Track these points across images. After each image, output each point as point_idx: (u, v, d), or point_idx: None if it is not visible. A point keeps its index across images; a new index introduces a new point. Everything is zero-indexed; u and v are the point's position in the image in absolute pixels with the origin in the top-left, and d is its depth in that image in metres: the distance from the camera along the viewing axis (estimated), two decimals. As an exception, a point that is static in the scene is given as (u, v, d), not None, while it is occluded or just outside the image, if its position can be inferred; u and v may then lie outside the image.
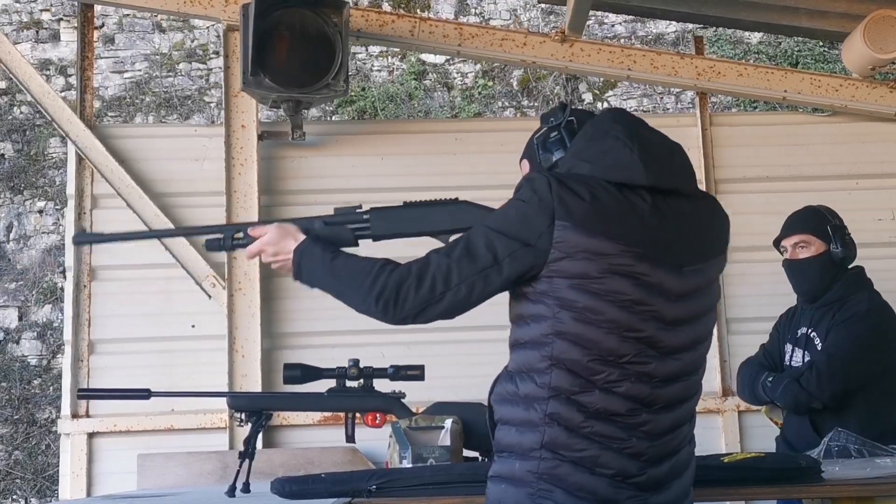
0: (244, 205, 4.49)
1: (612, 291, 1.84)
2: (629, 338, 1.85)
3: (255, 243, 2.20)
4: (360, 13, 4.68)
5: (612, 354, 1.84)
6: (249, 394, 3.86)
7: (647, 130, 2.00)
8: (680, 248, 1.91)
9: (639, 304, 1.85)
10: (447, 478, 2.45)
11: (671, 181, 1.93)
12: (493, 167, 4.77)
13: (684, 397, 1.94)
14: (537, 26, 9.21)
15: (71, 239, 2.46)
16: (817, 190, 4.83)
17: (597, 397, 1.84)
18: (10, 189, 8.81)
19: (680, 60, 4.85)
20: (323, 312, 4.61)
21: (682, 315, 1.91)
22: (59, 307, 8.09)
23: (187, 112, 9.08)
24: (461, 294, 1.89)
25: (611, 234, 1.84)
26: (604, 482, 1.83)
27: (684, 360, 1.92)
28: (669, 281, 1.88)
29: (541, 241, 1.85)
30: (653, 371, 1.86)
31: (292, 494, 2.46)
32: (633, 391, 1.85)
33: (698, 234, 1.96)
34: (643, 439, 1.85)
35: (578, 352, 1.84)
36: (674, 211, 1.92)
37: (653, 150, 1.94)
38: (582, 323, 1.84)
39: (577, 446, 1.83)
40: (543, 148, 2.09)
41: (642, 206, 1.89)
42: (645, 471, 1.85)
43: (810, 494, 2.51)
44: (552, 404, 1.85)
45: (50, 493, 7.74)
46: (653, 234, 1.87)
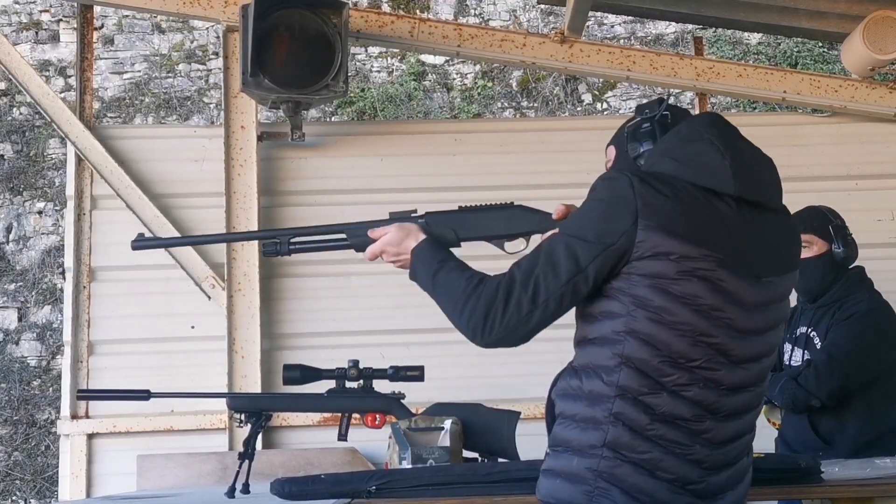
0: (244, 206, 4.49)
1: (689, 294, 1.81)
2: (701, 342, 1.82)
3: (376, 244, 2.17)
4: (360, 14, 4.68)
5: (683, 357, 1.82)
6: (249, 395, 3.86)
7: (742, 140, 2.00)
8: (759, 260, 1.89)
9: (714, 310, 1.83)
10: (447, 479, 2.44)
11: (757, 193, 1.93)
12: (493, 168, 4.78)
13: (748, 407, 1.92)
14: (537, 27, 9.22)
15: (130, 244, 2.42)
16: (817, 190, 4.82)
17: (664, 400, 1.81)
18: (9, 190, 8.82)
19: (679, 61, 4.85)
20: (322, 313, 4.62)
21: (754, 326, 1.89)
22: (58, 308, 8.09)
23: (187, 113, 9.08)
24: (550, 310, 1.86)
25: (693, 237, 1.81)
26: (663, 486, 1.80)
27: (751, 370, 1.90)
28: (746, 290, 1.86)
29: (622, 240, 1.81)
30: (721, 378, 1.84)
31: (292, 495, 2.45)
32: (701, 397, 1.83)
33: (777, 247, 1.95)
34: (705, 446, 1.83)
35: (649, 352, 1.81)
36: (757, 222, 1.90)
37: (744, 159, 1.93)
38: (655, 323, 1.81)
39: (639, 448, 1.81)
40: (633, 137, 2.06)
41: (727, 213, 1.86)
42: (705, 479, 1.83)
43: (810, 495, 2.50)
44: (618, 403, 1.82)
45: (49, 494, 7.74)
46: (735, 242, 1.85)
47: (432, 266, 2.03)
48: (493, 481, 2.35)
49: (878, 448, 3.09)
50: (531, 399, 4.39)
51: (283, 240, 2.29)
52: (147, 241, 2.48)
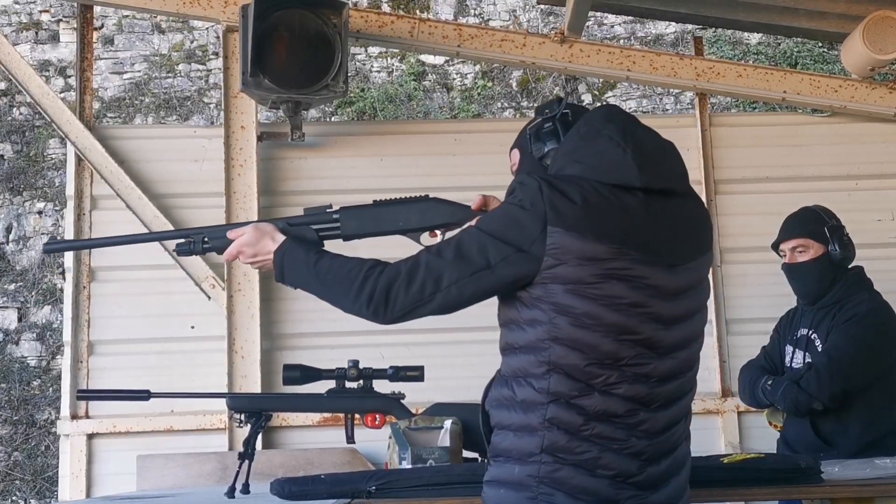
0: (243, 206, 4.49)
1: (609, 296, 1.83)
2: (627, 340, 1.85)
3: (232, 245, 2.17)
4: (360, 14, 4.68)
5: (611, 357, 1.84)
6: (249, 395, 3.86)
7: (641, 129, 1.99)
8: (673, 247, 1.91)
9: (636, 307, 1.85)
10: (446, 479, 2.45)
11: (664, 181, 1.93)
12: (493, 168, 4.75)
13: (680, 394, 1.94)
14: (536, 27, 9.22)
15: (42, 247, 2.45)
16: (817, 191, 4.82)
17: (596, 400, 1.83)
18: (9, 190, 8.81)
19: (679, 61, 4.85)
20: (322, 313, 4.57)
21: (678, 313, 1.91)
22: (58, 308, 8.09)
23: (187, 113, 9.08)
24: (451, 295, 1.89)
25: (604, 238, 1.83)
26: (605, 483, 1.83)
27: (679, 357, 1.92)
28: (664, 280, 1.88)
29: (534, 248, 1.84)
30: (651, 371, 1.87)
31: (292, 495, 2.45)
32: (632, 392, 1.85)
33: (690, 232, 1.97)
34: (642, 438, 1.86)
35: (576, 356, 1.83)
36: (667, 210, 1.91)
37: (646, 149, 1.93)
38: (579, 328, 1.83)
39: (577, 449, 1.83)
40: (536, 138, 2.07)
41: (636, 207, 1.88)
42: (644, 469, 1.86)
43: (810, 495, 2.50)
44: (552, 409, 1.84)
45: (49, 495, 7.74)
46: (646, 234, 1.87)
47: (310, 258, 2.04)
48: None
49: (880, 448, 3.09)
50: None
51: (198, 239, 2.27)
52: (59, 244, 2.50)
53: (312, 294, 2.06)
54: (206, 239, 2.25)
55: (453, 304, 1.91)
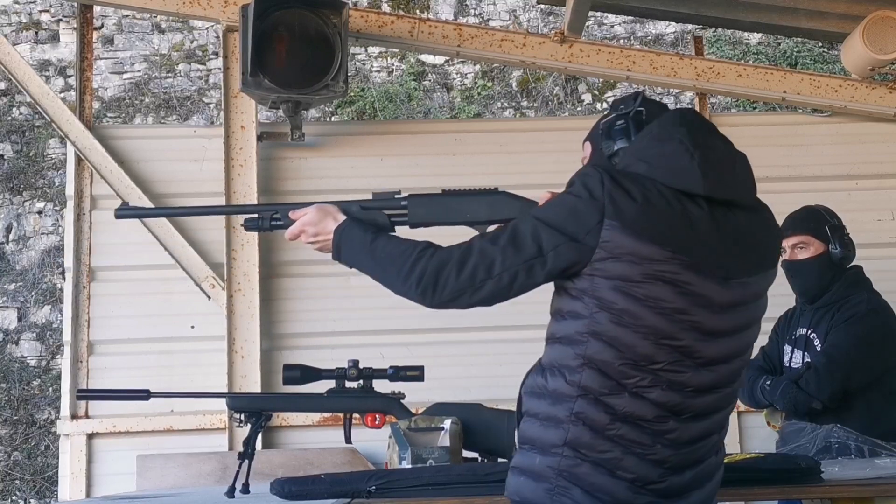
0: (243, 205, 4.49)
1: (653, 297, 1.81)
2: (665, 345, 1.82)
3: (295, 224, 2.18)
4: (360, 14, 4.68)
5: (646, 360, 1.81)
6: (249, 394, 3.86)
7: (714, 137, 1.96)
8: (729, 261, 1.87)
9: (679, 313, 1.82)
10: (446, 479, 2.44)
11: (728, 192, 1.90)
12: (493, 168, 4.78)
13: (716, 408, 1.90)
14: (536, 27, 9.22)
15: (113, 212, 2.45)
16: (817, 190, 4.82)
17: (626, 401, 1.81)
18: (9, 190, 8.82)
19: (679, 61, 4.85)
20: (322, 313, 4.62)
21: (724, 327, 1.87)
22: (58, 308, 8.09)
23: (186, 113, 9.08)
24: (503, 283, 1.87)
25: (659, 239, 1.80)
26: (623, 486, 1.81)
27: (719, 371, 1.88)
28: (714, 292, 1.84)
29: (588, 238, 1.81)
30: (687, 380, 1.83)
31: (291, 495, 2.45)
32: (664, 398, 1.82)
33: (750, 247, 1.92)
34: (668, 447, 1.83)
35: (612, 354, 1.81)
36: (729, 222, 1.89)
37: (715, 158, 1.90)
38: (618, 326, 1.81)
39: (599, 447, 1.81)
40: (607, 135, 2.05)
41: (697, 215, 1.85)
42: (666, 478, 1.83)
43: (810, 495, 2.50)
44: (580, 403, 1.82)
45: (49, 494, 7.74)
46: (703, 243, 1.84)
47: (366, 238, 2.06)
48: (494, 481, 2.35)
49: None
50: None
51: (266, 216, 2.29)
52: (132, 209, 2.50)
53: (366, 273, 2.06)
54: (275, 216, 2.27)
55: (504, 292, 1.89)
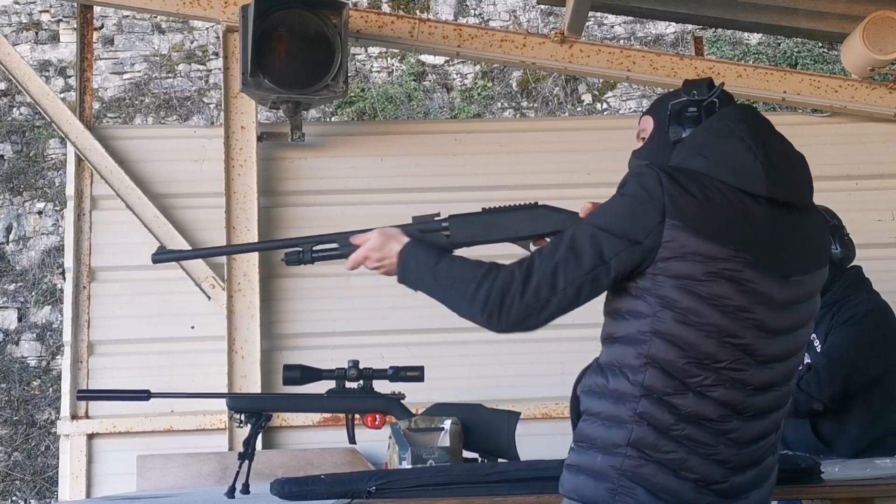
0: (243, 206, 4.49)
1: (717, 295, 1.79)
2: (728, 343, 1.81)
3: (359, 251, 2.16)
4: (360, 14, 4.68)
5: (710, 358, 1.80)
6: (249, 395, 3.86)
7: (774, 136, 1.95)
8: (788, 259, 1.87)
9: (742, 311, 1.81)
10: (446, 479, 2.44)
11: (789, 193, 1.90)
12: (493, 168, 4.78)
13: (775, 406, 1.90)
14: (536, 27, 9.22)
15: (151, 258, 2.41)
16: (817, 191, 4.76)
17: (690, 400, 1.80)
18: (9, 190, 8.82)
19: (679, 61, 4.85)
20: (322, 314, 4.62)
21: (783, 325, 1.87)
22: (58, 308, 8.09)
23: (186, 113, 9.08)
24: (568, 297, 1.84)
25: (721, 238, 1.79)
26: (687, 486, 1.80)
27: (778, 369, 1.88)
28: (774, 290, 1.84)
29: (649, 239, 1.80)
30: (748, 378, 1.83)
31: (292, 496, 2.45)
32: (728, 397, 1.82)
33: (806, 245, 1.93)
34: (731, 446, 1.83)
35: (675, 353, 1.80)
36: (788, 221, 1.89)
37: (776, 158, 1.89)
38: (682, 324, 1.80)
39: (664, 448, 1.80)
40: (677, 120, 1.98)
41: (757, 213, 1.84)
42: (728, 478, 1.83)
43: (810, 495, 2.50)
44: (643, 403, 1.81)
45: (49, 495, 7.74)
46: (763, 241, 1.84)
47: (430, 261, 2.00)
48: (494, 481, 2.35)
49: (879, 449, 3.09)
50: (531, 399, 4.40)
51: (307, 248, 2.28)
52: (167, 253, 2.48)
53: (432, 297, 2.01)
54: (316, 248, 2.29)
55: (570, 306, 1.86)
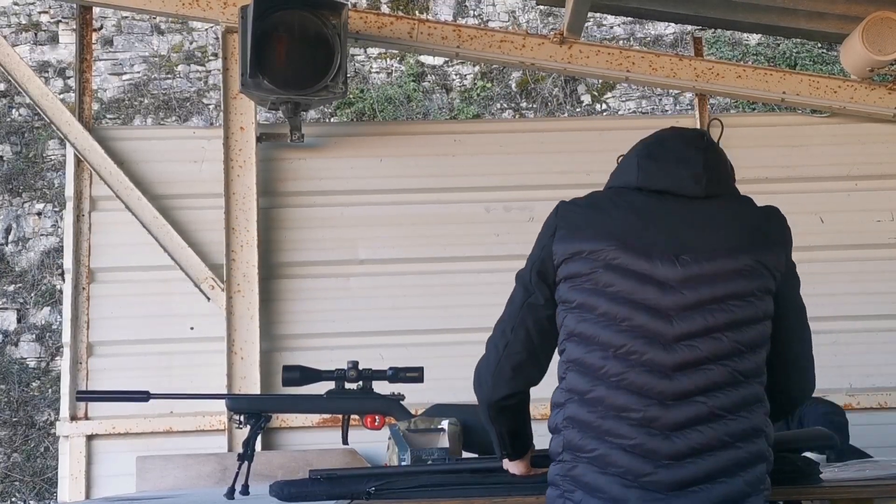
0: (243, 207, 4.49)
1: (603, 284, 1.90)
2: (623, 328, 1.88)
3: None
4: (359, 15, 4.68)
5: (610, 347, 1.88)
6: (248, 396, 3.86)
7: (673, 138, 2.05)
8: (673, 239, 1.92)
9: (630, 294, 1.89)
10: (445, 480, 2.44)
11: (663, 183, 1.98)
12: (492, 168, 4.78)
13: (703, 388, 1.86)
14: (536, 28, 9.22)
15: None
16: (816, 191, 4.83)
17: (604, 393, 1.87)
18: (8, 191, 8.81)
19: (679, 62, 4.85)
20: (322, 314, 4.62)
21: (684, 302, 1.88)
22: (57, 309, 8.09)
23: (186, 114, 9.08)
24: (521, 336, 1.99)
25: (600, 233, 1.93)
26: (615, 481, 1.83)
27: (702, 348, 1.87)
28: (664, 271, 1.90)
29: (544, 252, 1.98)
30: (653, 360, 1.86)
31: (291, 497, 2.45)
32: (638, 383, 1.85)
33: (692, 224, 1.95)
34: (655, 436, 1.83)
35: (582, 349, 1.91)
36: (670, 209, 1.96)
37: (659, 157, 2.01)
38: (581, 321, 1.91)
39: (588, 447, 1.87)
40: None
41: (642, 205, 1.96)
42: (658, 469, 1.82)
43: (809, 496, 2.50)
44: (569, 407, 1.91)
45: (49, 496, 7.74)
46: (642, 228, 1.93)
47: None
48: (493, 483, 2.35)
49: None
50: (530, 400, 4.39)
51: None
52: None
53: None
54: None
55: (532, 345, 1.99)
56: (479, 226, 4.69)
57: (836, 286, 4.67)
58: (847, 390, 4.64)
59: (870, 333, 4.69)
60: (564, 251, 1.95)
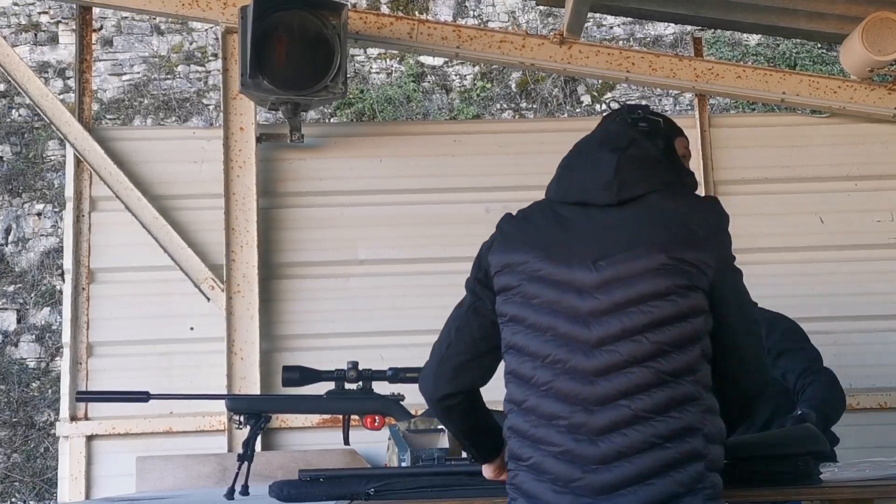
0: (243, 207, 4.49)
1: (529, 297, 1.95)
2: (550, 337, 1.92)
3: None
4: (359, 15, 4.68)
5: (539, 356, 1.92)
6: (248, 396, 3.86)
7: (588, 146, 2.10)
8: (591, 245, 1.95)
9: (553, 303, 1.93)
10: (445, 481, 2.44)
11: (576, 196, 2.04)
12: (492, 169, 4.78)
13: (627, 392, 1.85)
14: (535, 28, 9.22)
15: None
16: (816, 191, 4.83)
17: (535, 401, 1.91)
18: (8, 192, 8.81)
19: (678, 62, 4.85)
20: (322, 315, 4.62)
21: (602, 306, 1.89)
22: (57, 310, 8.08)
23: (186, 114, 9.08)
24: (464, 338, 2.05)
25: (527, 245, 1.99)
26: (547, 488, 1.87)
27: (621, 351, 1.86)
28: (581, 276, 1.92)
29: (483, 262, 2.05)
30: (577, 365, 1.88)
31: (290, 497, 2.45)
32: (565, 389, 1.88)
33: (610, 229, 1.96)
34: (582, 441, 1.85)
35: (516, 360, 1.96)
36: (591, 216, 2.00)
37: (575, 165, 2.08)
38: (515, 333, 1.96)
39: (525, 455, 1.91)
40: None
41: (562, 216, 2.02)
42: (586, 475, 1.84)
43: (809, 496, 2.50)
44: (510, 418, 1.96)
45: (49, 496, 7.73)
46: (563, 238, 1.98)
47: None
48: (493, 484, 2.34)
49: None
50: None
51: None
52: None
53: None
54: None
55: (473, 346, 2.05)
56: (479, 226, 4.63)
57: (836, 286, 4.67)
58: (847, 390, 4.62)
59: (870, 334, 4.69)
60: (497, 263, 2.01)
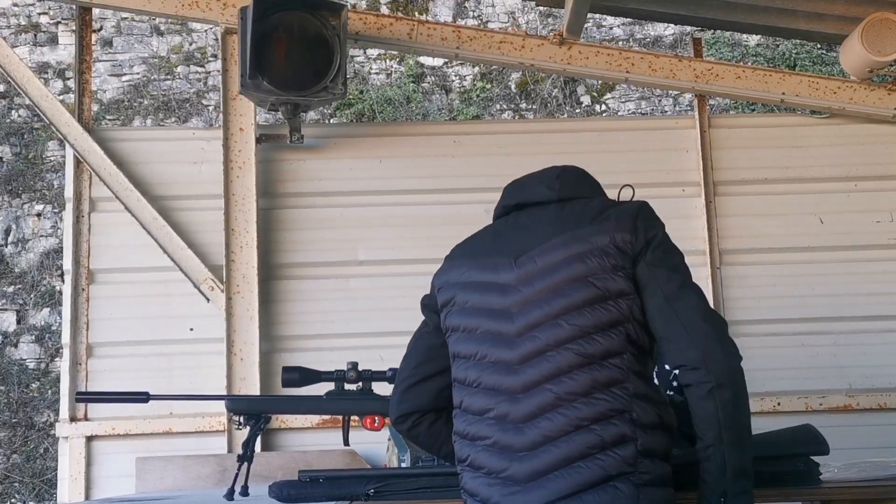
0: (242, 208, 4.49)
1: (461, 304, 2.05)
2: (476, 336, 2.00)
3: None
4: (359, 16, 4.68)
5: (469, 356, 2.00)
6: (248, 397, 3.86)
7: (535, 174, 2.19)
8: (514, 245, 2.04)
9: (478, 305, 2.02)
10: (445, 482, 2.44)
11: (518, 197, 2.14)
12: (492, 169, 4.77)
13: (548, 375, 1.87)
14: (535, 29, 9.22)
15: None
16: (816, 192, 4.83)
17: (468, 400, 1.98)
18: (8, 192, 8.81)
19: (678, 63, 4.85)
20: (321, 315, 4.62)
21: (520, 299, 1.96)
22: (57, 310, 8.08)
23: (185, 115, 9.08)
24: (412, 362, 2.16)
25: (462, 258, 2.11)
26: (482, 482, 1.92)
27: (542, 337, 1.89)
28: (502, 275, 2.01)
29: (432, 287, 2.15)
30: (501, 357, 1.94)
31: (290, 498, 2.45)
32: (491, 382, 1.94)
33: (534, 228, 2.04)
34: (509, 431, 1.89)
35: (456, 367, 2.05)
36: (520, 220, 2.10)
37: (518, 181, 2.17)
38: (456, 342, 2.05)
39: (464, 454, 1.98)
40: None
41: (496, 227, 2.14)
42: (512, 463, 1.87)
43: (809, 497, 2.50)
44: (455, 422, 2.03)
45: (48, 497, 7.73)
46: (492, 244, 2.09)
47: None
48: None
49: None
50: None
51: None
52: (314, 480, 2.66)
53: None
54: None
55: (427, 367, 2.14)
56: (479, 227, 4.67)
57: (836, 287, 4.68)
58: (847, 391, 4.64)
59: (870, 334, 4.70)
60: (438, 283, 2.12)
